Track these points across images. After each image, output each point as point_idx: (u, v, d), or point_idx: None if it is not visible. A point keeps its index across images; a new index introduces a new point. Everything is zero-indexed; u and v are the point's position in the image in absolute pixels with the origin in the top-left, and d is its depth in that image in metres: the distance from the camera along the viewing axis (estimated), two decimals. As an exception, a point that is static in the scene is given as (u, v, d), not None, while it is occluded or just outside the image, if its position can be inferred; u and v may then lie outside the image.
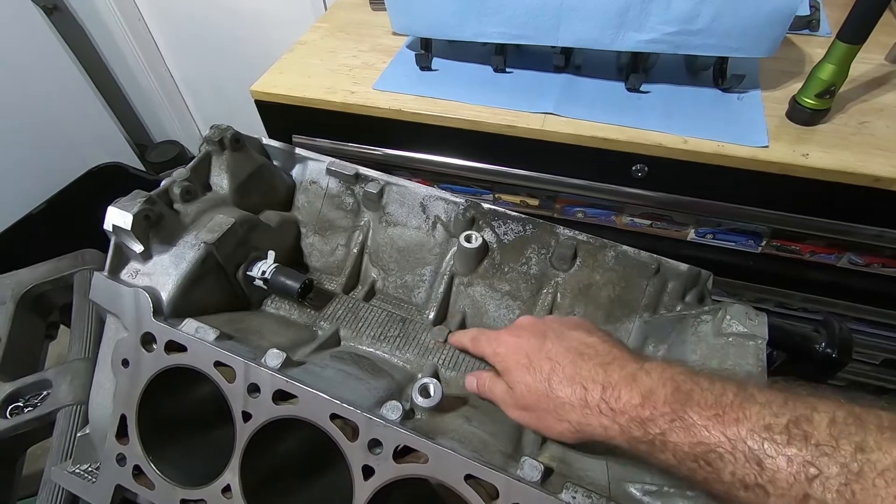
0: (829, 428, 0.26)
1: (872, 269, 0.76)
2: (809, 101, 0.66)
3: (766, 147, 0.65)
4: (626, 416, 0.32)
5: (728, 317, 0.40)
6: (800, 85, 0.68)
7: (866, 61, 0.75)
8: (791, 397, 0.28)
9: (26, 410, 0.54)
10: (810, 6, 0.82)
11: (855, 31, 0.59)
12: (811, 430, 0.26)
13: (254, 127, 0.78)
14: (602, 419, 0.34)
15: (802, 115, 0.67)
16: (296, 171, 0.56)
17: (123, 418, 0.39)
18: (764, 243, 0.78)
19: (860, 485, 0.24)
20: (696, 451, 0.29)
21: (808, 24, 0.82)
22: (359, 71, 0.83)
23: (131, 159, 1.77)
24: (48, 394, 0.55)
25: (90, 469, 0.43)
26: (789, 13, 0.61)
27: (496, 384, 0.41)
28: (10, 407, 0.54)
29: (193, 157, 0.48)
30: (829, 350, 0.42)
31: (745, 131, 0.67)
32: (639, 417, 0.32)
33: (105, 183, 1.59)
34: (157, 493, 0.38)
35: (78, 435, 0.44)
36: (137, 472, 0.39)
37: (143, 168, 1.77)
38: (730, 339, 0.40)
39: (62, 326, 0.70)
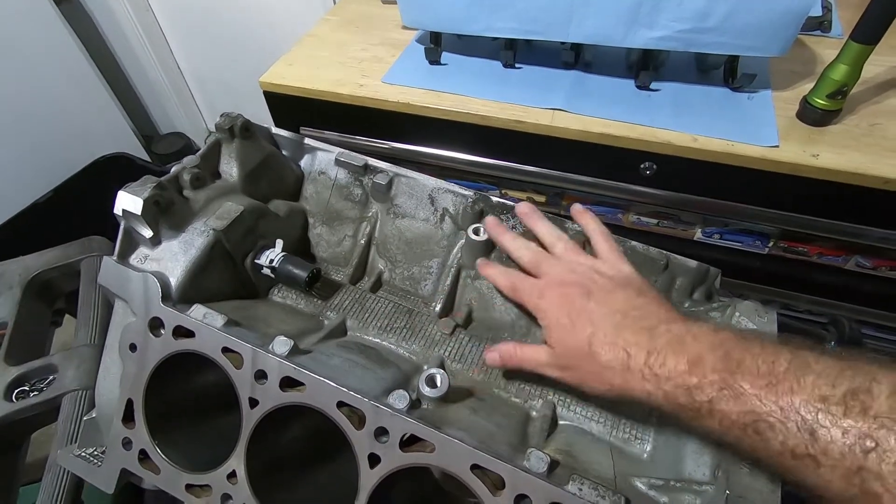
0: (889, 399, 0.25)
1: (880, 273, 0.76)
2: (821, 102, 0.66)
3: (777, 147, 0.65)
4: (672, 382, 0.32)
5: (737, 313, 0.40)
6: (811, 85, 0.67)
7: (878, 63, 0.75)
8: (848, 366, 0.27)
9: (32, 395, 0.54)
10: (822, 7, 0.82)
11: (869, 32, 0.59)
12: (870, 401, 0.25)
13: (261, 120, 0.78)
14: (645, 385, 0.33)
15: (813, 116, 0.67)
16: (304, 162, 0.56)
17: (130, 403, 0.39)
18: (771, 244, 0.78)
19: None
20: (746, 420, 0.28)
21: (819, 24, 0.82)
22: (368, 64, 0.83)
23: (137, 150, 1.77)
24: (54, 378, 0.55)
25: (96, 453, 0.43)
26: (803, 12, 0.61)
27: (527, 349, 0.40)
28: (15, 391, 0.54)
29: (199, 150, 0.48)
30: (838, 349, 0.42)
31: (755, 131, 0.67)
32: (685, 385, 0.31)
33: (111, 173, 1.59)
34: (163, 477, 0.38)
35: (84, 418, 0.44)
36: (143, 456, 0.39)
37: (148, 159, 1.77)
38: (738, 336, 0.39)
39: (67, 315, 0.70)
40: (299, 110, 0.83)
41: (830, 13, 0.83)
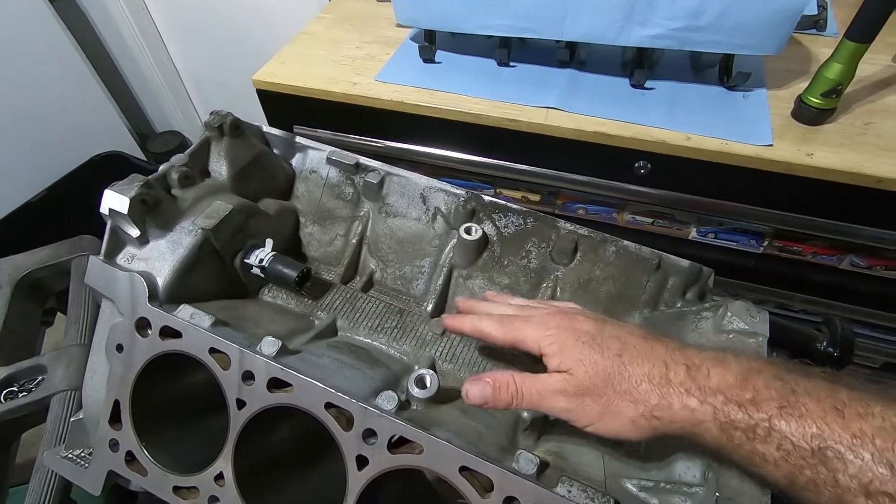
0: None
1: (874, 272, 0.76)
2: (815, 101, 0.66)
3: (771, 146, 0.65)
4: (722, 396, 0.28)
5: (729, 313, 0.40)
6: (805, 84, 0.67)
7: (873, 62, 0.75)
8: None
9: (21, 395, 0.54)
10: (818, 5, 0.82)
11: (863, 30, 0.59)
12: None
13: (256, 118, 0.78)
14: (688, 399, 0.29)
15: (808, 115, 0.67)
16: (296, 160, 0.56)
17: (117, 404, 0.38)
18: (766, 243, 0.77)
19: None
20: (812, 445, 0.25)
21: (815, 23, 0.82)
22: (361, 62, 0.82)
23: (133, 149, 1.77)
24: (43, 379, 0.55)
25: (83, 454, 0.43)
26: (797, 11, 0.61)
27: (533, 379, 0.34)
28: (4, 391, 0.54)
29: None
30: (830, 349, 0.42)
31: (749, 129, 0.67)
32: (738, 399, 0.28)
33: (106, 171, 1.58)
34: (150, 479, 0.38)
35: (71, 420, 0.44)
36: (130, 457, 0.38)
37: (144, 158, 1.76)
38: (730, 336, 0.39)
39: (59, 314, 0.70)
40: (292, 108, 0.82)
41: (826, 11, 0.82)
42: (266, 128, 0.55)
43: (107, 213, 0.40)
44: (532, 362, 0.36)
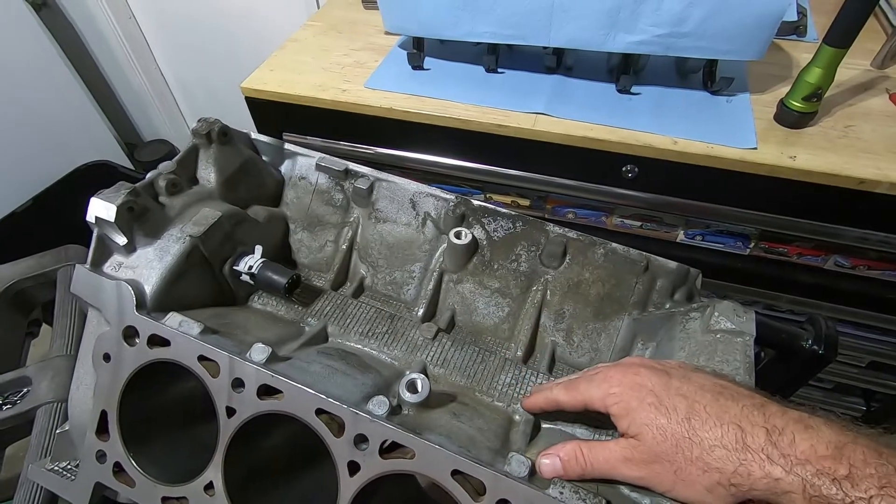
0: None
1: (859, 272, 0.77)
2: (797, 105, 0.67)
3: (755, 149, 0.66)
4: (812, 467, 0.26)
5: (716, 314, 0.40)
6: (787, 88, 0.68)
7: (853, 66, 0.76)
8: None
9: (5, 408, 0.53)
10: (798, 12, 0.83)
11: (841, 36, 0.60)
12: None
13: (245, 125, 0.77)
14: (771, 468, 0.27)
15: (790, 118, 0.68)
16: (285, 167, 0.56)
17: (104, 414, 0.38)
18: (752, 245, 0.79)
19: None
20: None
21: (795, 29, 0.83)
22: (350, 69, 0.83)
23: (120, 158, 1.75)
24: (28, 391, 0.54)
25: (69, 467, 0.42)
26: (777, 16, 0.62)
27: (597, 447, 0.33)
28: (-12, 404, 0.53)
29: (179, 156, 0.47)
30: (815, 347, 0.42)
31: (733, 133, 0.68)
32: (831, 473, 0.26)
33: (93, 181, 1.57)
34: (138, 490, 0.37)
35: (57, 432, 0.43)
36: (118, 469, 0.38)
37: (132, 167, 1.75)
38: (718, 336, 0.40)
39: (44, 325, 0.69)
40: (281, 116, 0.82)
41: (806, 18, 0.84)
42: (255, 134, 0.55)
43: (93, 221, 0.39)
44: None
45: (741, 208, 0.71)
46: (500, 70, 0.81)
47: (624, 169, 0.71)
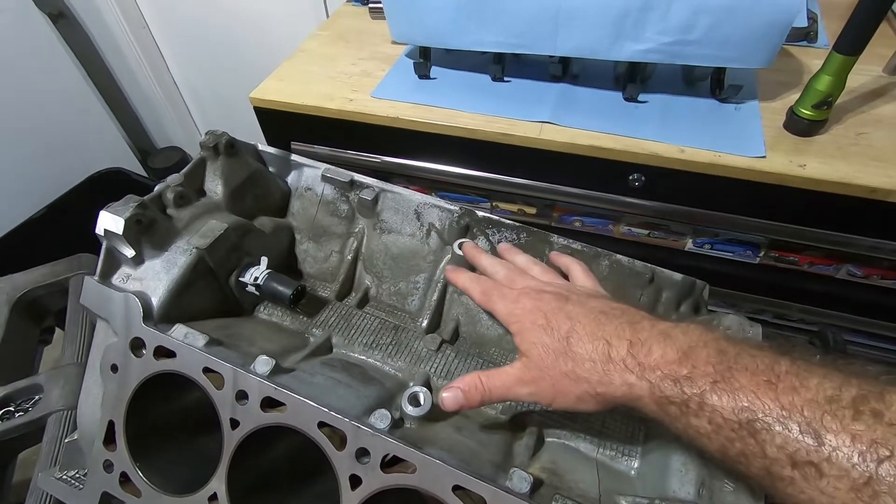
0: None
1: (871, 281, 0.76)
2: (806, 112, 0.66)
3: (764, 157, 0.65)
4: (658, 372, 0.29)
5: (722, 327, 0.40)
6: (797, 96, 0.68)
7: (864, 73, 0.75)
8: (854, 372, 0.25)
9: (17, 415, 0.54)
10: (808, 18, 0.82)
11: (851, 43, 0.59)
12: (882, 407, 0.23)
13: (255, 133, 0.79)
14: (627, 375, 0.30)
15: (800, 126, 0.67)
16: (291, 178, 0.56)
17: (111, 424, 0.39)
18: (762, 254, 0.78)
19: None
20: (740, 418, 0.26)
21: (805, 35, 0.82)
22: (357, 78, 0.83)
23: (133, 165, 1.78)
24: (39, 398, 0.55)
25: (77, 475, 0.43)
26: (787, 23, 0.61)
27: (494, 374, 0.36)
28: (1, 411, 0.54)
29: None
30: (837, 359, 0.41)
31: (742, 141, 0.67)
32: (673, 374, 0.28)
33: (106, 188, 1.60)
34: (144, 500, 0.38)
35: (66, 441, 0.44)
36: (124, 479, 0.38)
37: (144, 174, 1.78)
38: (723, 350, 0.39)
39: (58, 330, 0.70)
40: (289, 125, 0.83)
41: (816, 24, 0.83)
42: (261, 146, 0.55)
43: (102, 234, 0.40)
44: None
45: (750, 217, 0.71)
46: (506, 79, 0.81)
47: (630, 177, 0.71)
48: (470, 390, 0.36)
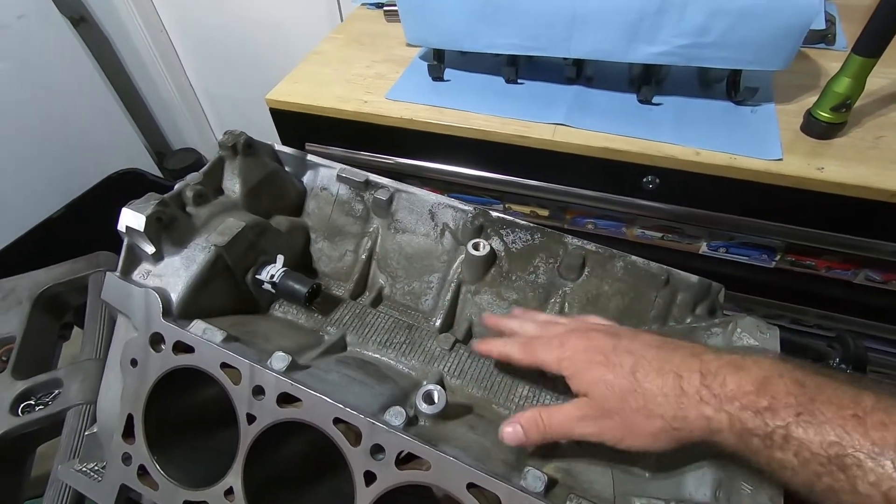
0: None
1: (890, 286, 0.74)
2: (825, 115, 0.65)
3: (781, 160, 0.64)
4: (737, 403, 0.28)
5: (739, 330, 0.40)
6: (815, 98, 0.67)
7: (884, 75, 0.74)
8: None
9: (37, 409, 0.55)
10: (826, 20, 0.82)
11: (871, 45, 0.59)
12: None
13: (270, 135, 0.80)
14: (703, 408, 0.29)
15: (817, 129, 0.67)
16: (307, 177, 0.57)
17: (130, 418, 0.39)
18: (778, 258, 0.77)
19: None
20: (829, 453, 0.25)
21: (823, 37, 0.82)
22: (372, 81, 0.84)
23: (150, 166, 1.81)
24: (59, 393, 0.56)
25: (96, 468, 0.43)
26: (804, 26, 0.61)
27: (555, 410, 0.35)
28: (21, 405, 0.55)
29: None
30: (843, 366, 0.41)
31: (758, 144, 0.66)
32: (754, 406, 0.27)
33: (123, 188, 1.62)
34: (161, 493, 0.38)
35: (85, 433, 0.45)
36: (142, 472, 0.39)
37: (160, 175, 1.80)
38: (740, 353, 0.39)
39: (76, 328, 0.71)
40: (304, 126, 0.84)
41: (834, 26, 0.82)
42: (278, 146, 0.56)
43: (124, 230, 0.41)
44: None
45: (766, 220, 0.70)
46: (520, 81, 0.81)
47: (645, 180, 0.71)
48: (530, 427, 0.35)
